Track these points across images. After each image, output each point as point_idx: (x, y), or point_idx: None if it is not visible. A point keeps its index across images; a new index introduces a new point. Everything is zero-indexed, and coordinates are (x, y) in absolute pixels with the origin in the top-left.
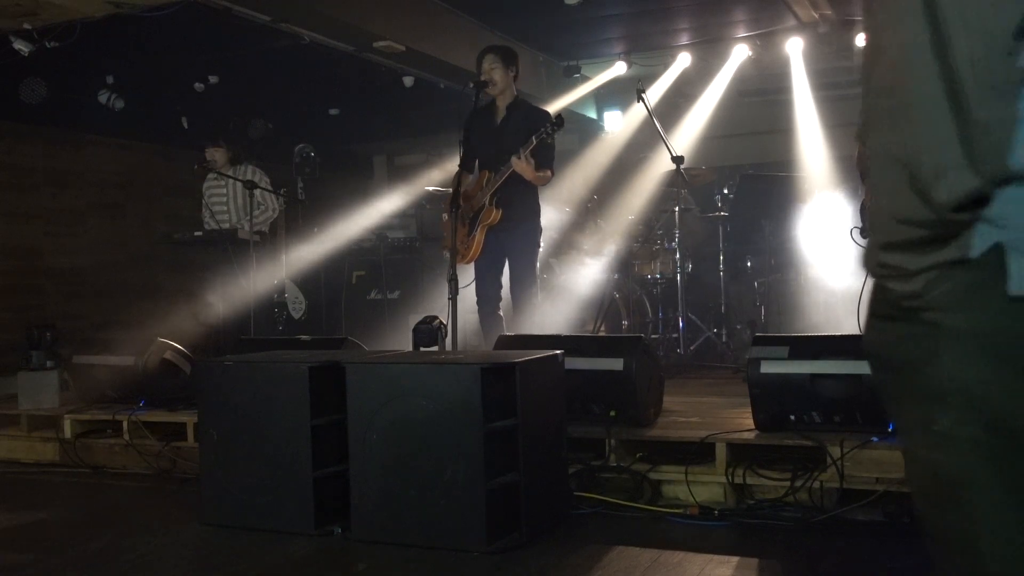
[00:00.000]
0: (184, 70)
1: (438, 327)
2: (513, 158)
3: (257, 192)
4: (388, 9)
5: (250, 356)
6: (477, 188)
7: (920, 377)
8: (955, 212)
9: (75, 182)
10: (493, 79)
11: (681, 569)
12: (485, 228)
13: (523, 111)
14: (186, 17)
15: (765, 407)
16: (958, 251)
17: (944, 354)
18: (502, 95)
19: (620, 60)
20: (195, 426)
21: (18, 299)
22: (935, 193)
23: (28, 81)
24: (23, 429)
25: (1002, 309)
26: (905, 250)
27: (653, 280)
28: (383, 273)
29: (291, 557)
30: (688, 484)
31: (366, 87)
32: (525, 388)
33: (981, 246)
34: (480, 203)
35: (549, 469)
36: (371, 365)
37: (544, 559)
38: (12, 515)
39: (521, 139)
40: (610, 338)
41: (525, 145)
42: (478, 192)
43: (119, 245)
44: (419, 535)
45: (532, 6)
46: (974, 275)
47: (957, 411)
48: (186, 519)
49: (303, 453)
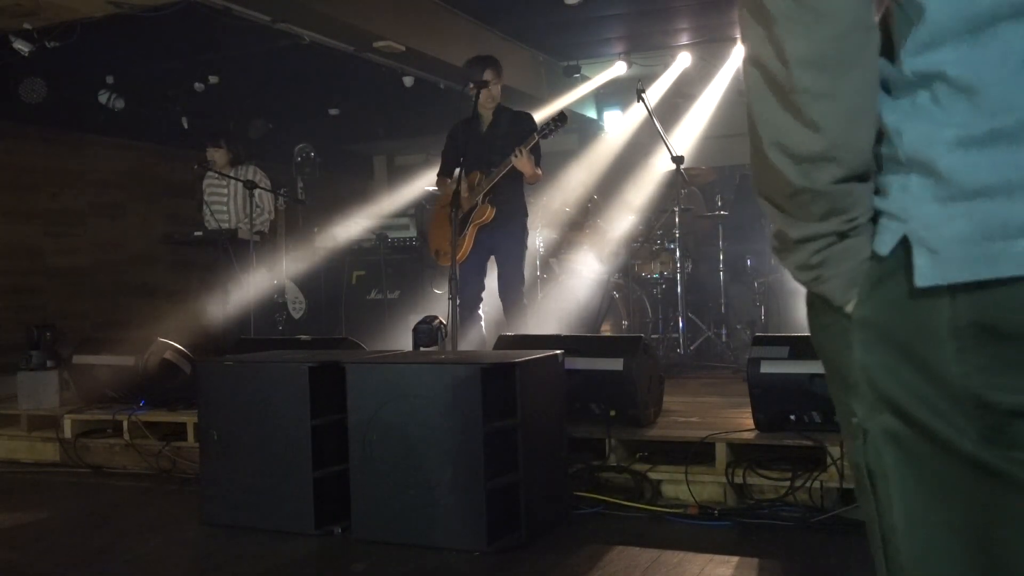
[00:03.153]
0: (184, 70)
1: (438, 327)
2: (513, 155)
3: (257, 193)
4: (388, 9)
5: (250, 356)
6: (467, 189)
7: (839, 368)
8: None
9: (75, 182)
10: (495, 96)
11: (681, 569)
12: (477, 227)
13: (509, 115)
14: (186, 17)
15: (765, 407)
16: (847, 222)
17: (855, 345)
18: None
19: (620, 60)
20: (195, 426)
21: (18, 299)
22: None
23: (28, 81)
24: (23, 429)
25: (905, 300)
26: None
27: (653, 280)
28: (383, 273)
29: (291, 557)
30: (688, 484)
31: (366, 87)
32: (525, 388)
33: (890, 241)
34: (472, 202)
35: (549, 469)
36: (371, 365)
37: (544, 559)
38: (12, 515)
39: (512, 141)
40: (610, 338)
41: (526, 141)
42: (468, 193)
43: (119, 245)
44: (419, 535)
45: (532, 6)
46: (881, 268)
47: (869, 402)
48: (186, 519)
49: (303, 453)
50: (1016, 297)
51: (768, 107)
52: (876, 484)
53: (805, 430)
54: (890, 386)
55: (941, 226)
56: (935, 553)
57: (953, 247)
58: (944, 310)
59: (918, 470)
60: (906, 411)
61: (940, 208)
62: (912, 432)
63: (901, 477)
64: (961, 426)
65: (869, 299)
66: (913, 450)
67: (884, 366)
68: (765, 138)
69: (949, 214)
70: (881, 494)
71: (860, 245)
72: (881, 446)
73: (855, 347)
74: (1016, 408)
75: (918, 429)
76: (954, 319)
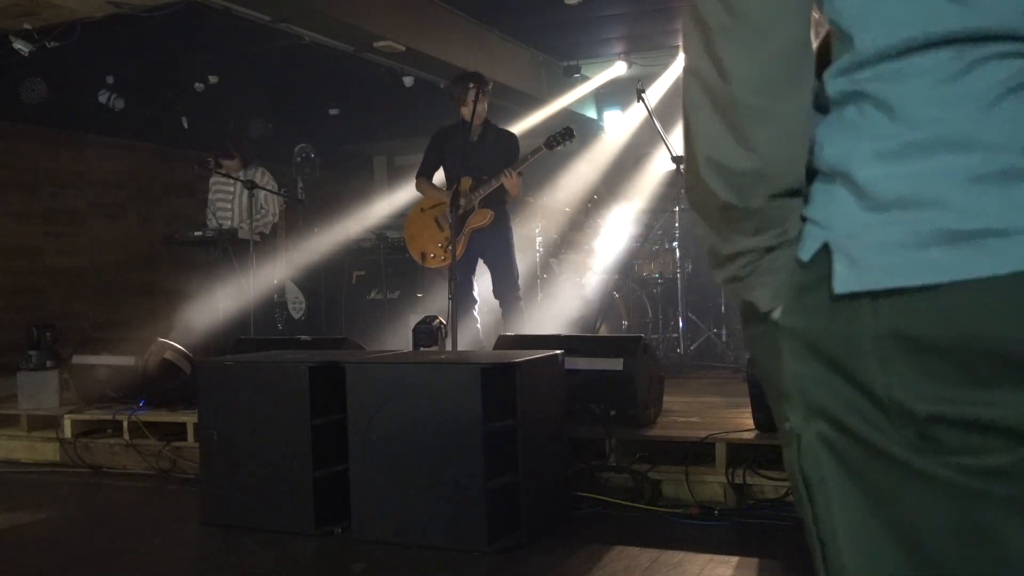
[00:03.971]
0: (184, 70)
1: (438, 327)
2: (504, 175)
3: (261, 195)
4: (388, 9)
5: (250, 356)
6: (465, 193)
7: (772, 376)
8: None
9: (75, 182)
10: (477, 111)
11: (681, 569)
12: (471, 230)
13: (494, 132)
14: (186, 17)
15: (765, 407)
16: (777, 236)
17: (784, 354)
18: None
19: (620, 60)
20: (195, 426)
21: (18, 299)
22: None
23: (28, 81)
24: (23, 429)
25: (828, 308)
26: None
27: (653, 280)
28: (383, 273)
29: (291, 557)
30: (688, 484)
31: (366, 87)
32: (525, 388)
33: (812, 247)
34: (470, 206)
35: (549, 469)
36: (371, 365)
37: (544, 559)
38: (12, 515)
39: (500, 154)
40: (610, 338)
41: (515, 163)
42: (467, 196)
43: (119, 245)
44: (419, 535)
45: (532, 6)
46: (804, 275)
47: (801, 409)
48: (186, 519)
49: (303, 453)
50: (932, 305)
51: (704, 121)
52: (812, 491)
53: None
54: (820, 394)
55: (860, 234)
56: (874, 558)
57: (871, 255)
58: (866, 318)
59: (854, 476)
60: (837, 419)
61: (860, 217)
62: (846, 439)
63: (838, 484)
64: (890, 433)
65: (794, 307)
66: (848, 457)
67: (812, 374)
68: (699, 153)
69: (867, 223)
70: (818, 501)
71: (787, 256)
72: (817, 453)
73: (784, 355)
74: (937, 415)
75: (851, 436)
76: (875, 328)
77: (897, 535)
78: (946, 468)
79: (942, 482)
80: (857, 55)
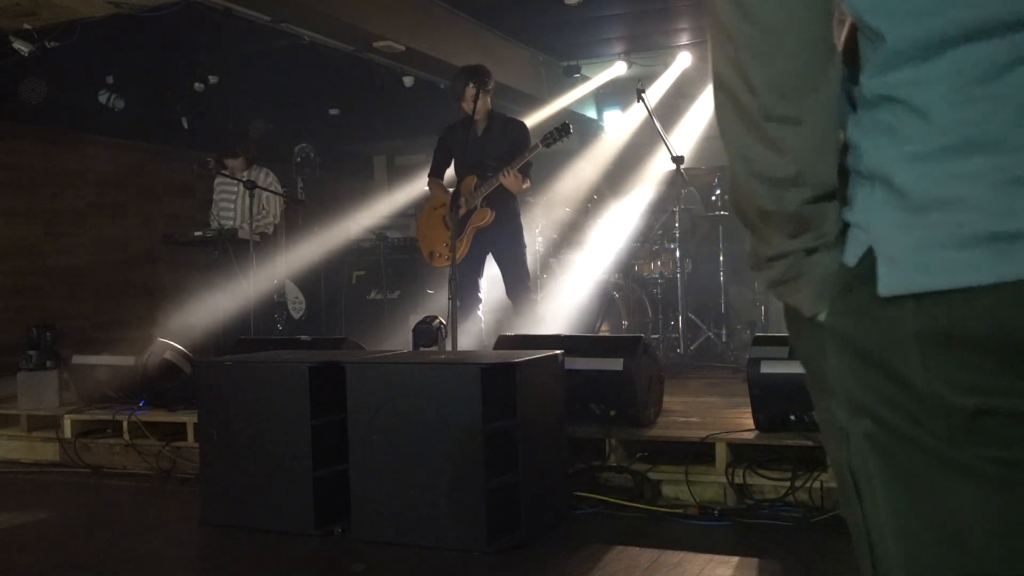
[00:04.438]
0: (184, 70)
1: (438, 327)
2: (501, 174)
3: (263, 196)
4: (388, 9)
5: (250, 356)
6: (469, 191)
7: (817, 375)
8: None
9: (75, 182)
10: (478, 108)
11: (681, 569)
12: (475, 229)
13: (501, 122)
14: (186, 17)
15: (765, 407)
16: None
17: (830, 353)
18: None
19: (620, 60)
20: (195, 426)
21: (18, 299)
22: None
23: (28, 81)
24: (23, 429)
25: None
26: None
27: (653, 280)
28: (383, 273)
29: (291, 557)
30: (688, 484)
31: (366, 87)
32: (525, 388)
33: (857, 252)
34: (471, 205)
35: (549, 469)
36: (371, 365)
37: (544, 559)
38: (12, 515)
39: (505, 147)
40: (610, 338)
41: (516, 160)
42: (466, 195)
43: (119, 245)
44: (419, 535)
45: (532, 6)
46: (849, 277)
47: (847, 408)
48: (186, 519)
49: (303, 453)
50: (973, 304)
51: (736, 129)
52: (860, 488)
53: (805, 430)
54: (864, 393)
55: (901, 237)
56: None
57: (912, 257)
58: (908, 318)
59: (900, 474)
60: (882, 416)
61: (900, 219)
62: (890, 437)
63: (885, 481)
64: (934, 429)
65: (839, 308)
66: (894, 454)
67: (857, 373)
68: (736, 160)
69: (908, 225)
70: (866, 498)
71: (829, 258)
72: (864, 450)
73: (829, 355)
74: (980, 408)
75: (894, 434)
76: (918, 326)
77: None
78: (987, 461)
79: (982, 475)
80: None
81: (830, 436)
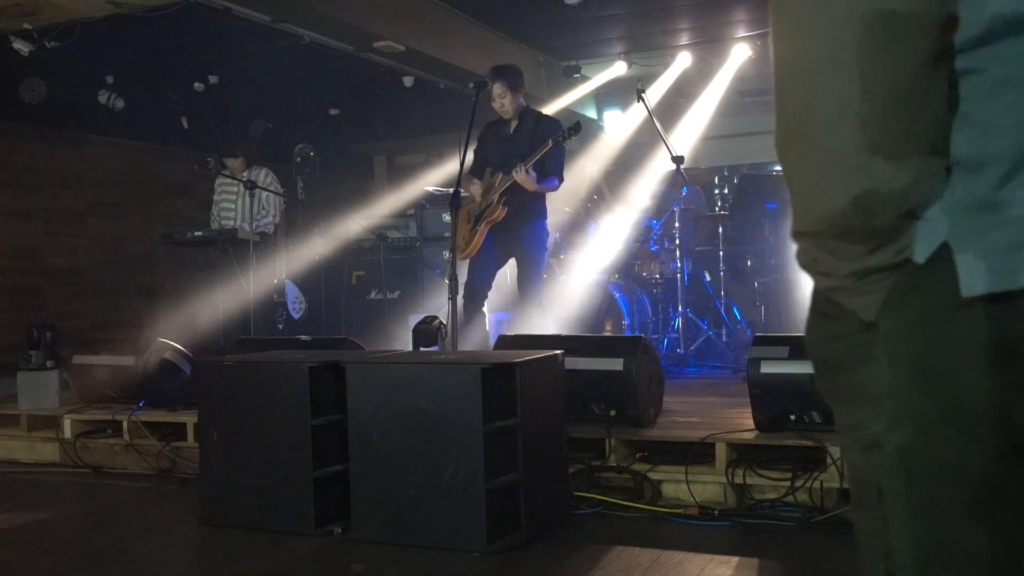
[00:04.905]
0: (184, 70)
1: (438, 327)
2: (514, 170)
3: (263, 196)
4: (388, 9)
5: (250, 356)
6: (488, 188)
7: (854, 379)
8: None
9: (75, 182)
10: (504, 106)
11: (681, 569)
12: (488, 224)
13: (532, 120)
14: (186, 17)
15: (765, 407)
16: (898, 253)
17: (881, 359)
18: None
19: (620, 60)
20: (195, 426)
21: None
22: None
23: (28, 81)
24: (23, 429)
25: (940, 313)
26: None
27: (653, 280)
28: (383, 273)
29: (291, 557)
30: (688, 484)
31: (366, 87)
32: (525, 388)
33: (927, 248)
34: (488, 201)
35: (549, 469)
36: (371, 365)
37: (544, 559)
38: (12, 515)
39: (534, 144)
40: (610, 338)
41: (527, 159)
42: (488, 191)
43: (119, 245)
44: (419, 535)
45: (532, 6)
46: (915, 277)
47: (888, 417)
48: (186, 519)
49: (303, 453)
50: None
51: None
52: (886, 498)
53: (805, 430)
54: (914, 402)
55: (983, 234)
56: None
57: (996, 256)
58: (980, 323)
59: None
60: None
61: (980, 217)
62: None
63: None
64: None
65: (899, 310)
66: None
67: (911, 379)
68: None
69: (990, 223)
70: (890, 512)
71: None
72: (898, 461)
73: (881, 359)
74: None
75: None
76: (990, 332)
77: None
78: None
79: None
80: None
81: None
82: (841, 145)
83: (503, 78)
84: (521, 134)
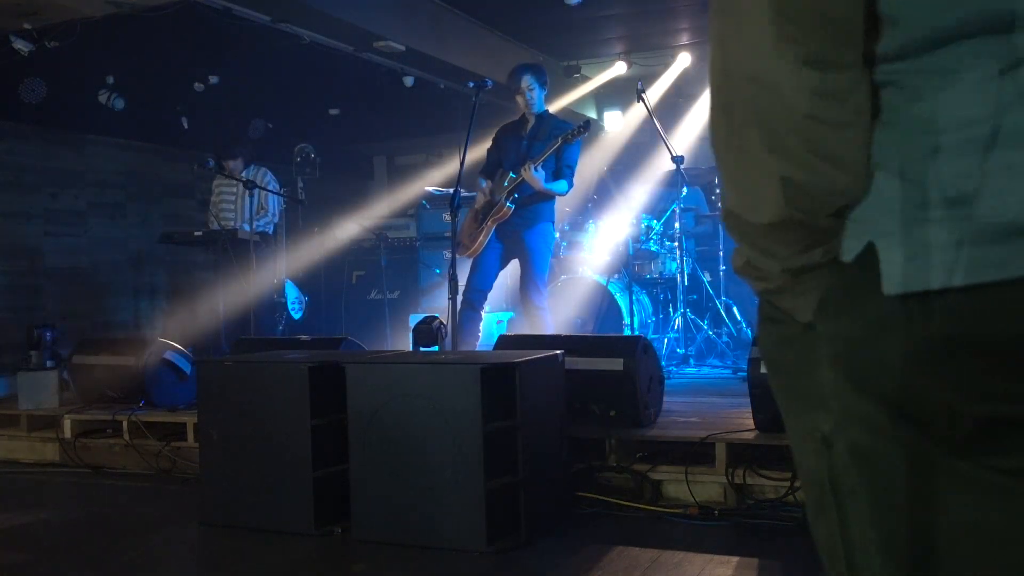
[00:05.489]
0: (184, 70)
1: (438, 327)
2: (523, 168)
3: (263, 196)
4: (388, 9)
5: (250, 356)
6: (499, 186)
7: (802, 381)
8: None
9: (75, 182)
10: (532, 100)
11: (681, 569)
12: (494, 222)
13: (548, 123)
14: (186, 17)
15: (765, 407)
16: (826, 253)
17: (822, 359)
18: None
19: (620, 60)
20: (195, 426)
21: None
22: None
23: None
24: (23, 429)
25: (873, 311)
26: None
27: (653, 280)
28: (383, 273)
29: (291, 557)
30: (688, 484)
31: (366, 87)
32: (525, 388)
33: (855, 247)
34: (497, 199)
35: (549, 469)
36: (371, 365)
37: (544, 559)
38: (12, 515)
39: (543, 149)
40: (610, 338)
41: (536, 157)
42: (497, 189)
43: (119, 245)
44: (419, 535)
45: (532, 6)
46: (846, 277)
47: (835, 416)
48: (186, 519)
49: (303, 453)
50: (987, 303)
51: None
52: (840, 498)
53: None
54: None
55: (907, 232)
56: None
57: (921, 253)
58: (915, 319)
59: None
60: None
61: (907, 214)
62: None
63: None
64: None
65: (836, 310)
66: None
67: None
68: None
69: (916, 220)
70: (847, 509)
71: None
72: (849, 460)
73: (822, 361)
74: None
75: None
76: (926, 329)
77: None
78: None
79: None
80: (897, 41)
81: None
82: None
83: (534, 73)
84: (536, 136)
